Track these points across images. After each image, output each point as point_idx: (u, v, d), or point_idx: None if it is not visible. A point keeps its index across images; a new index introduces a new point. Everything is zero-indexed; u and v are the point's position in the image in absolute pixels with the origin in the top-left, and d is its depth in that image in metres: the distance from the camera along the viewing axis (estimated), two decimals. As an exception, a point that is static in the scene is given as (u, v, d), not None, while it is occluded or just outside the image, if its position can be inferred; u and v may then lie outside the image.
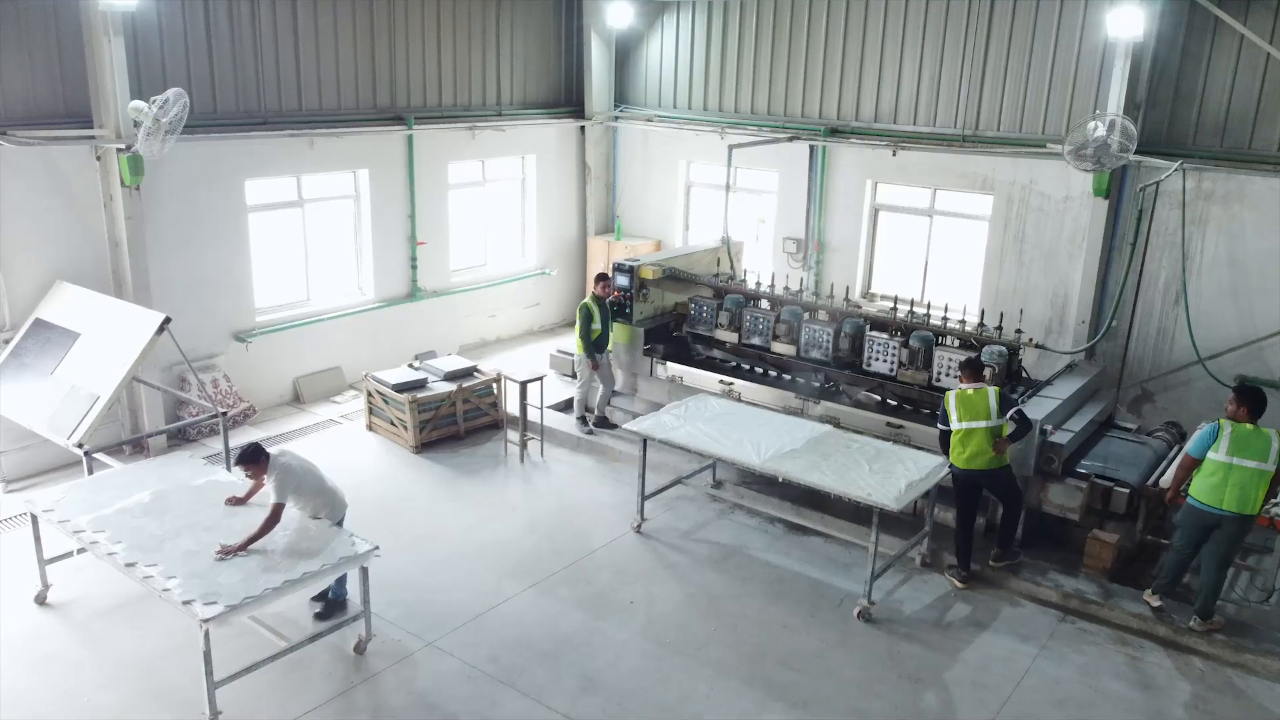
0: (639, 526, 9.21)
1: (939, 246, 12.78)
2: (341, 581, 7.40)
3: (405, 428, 10.82)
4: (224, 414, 9.12)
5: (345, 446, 10.98)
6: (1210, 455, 7.46)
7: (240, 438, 10.70)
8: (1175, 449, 9.31)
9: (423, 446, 10.83)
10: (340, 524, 7.37)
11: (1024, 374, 9.82)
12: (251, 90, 11.23)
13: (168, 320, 8.75)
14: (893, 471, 8.11)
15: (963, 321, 9.84)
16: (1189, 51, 10.58)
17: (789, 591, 8.24)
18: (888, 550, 8.20)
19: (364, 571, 6.98)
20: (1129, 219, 11.12)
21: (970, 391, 8.12)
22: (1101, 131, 9.96)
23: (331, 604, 7.55)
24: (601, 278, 11.18)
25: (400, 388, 10.81)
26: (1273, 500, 8.42)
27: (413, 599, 7.97)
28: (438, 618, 7.71)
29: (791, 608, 8.00)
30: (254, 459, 7.13)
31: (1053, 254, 11.70)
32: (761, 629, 7.70)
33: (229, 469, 8.59)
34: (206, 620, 6.01)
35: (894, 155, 12.58)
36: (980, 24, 11.77)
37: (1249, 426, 7.42)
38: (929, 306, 10.15)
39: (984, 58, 11.83)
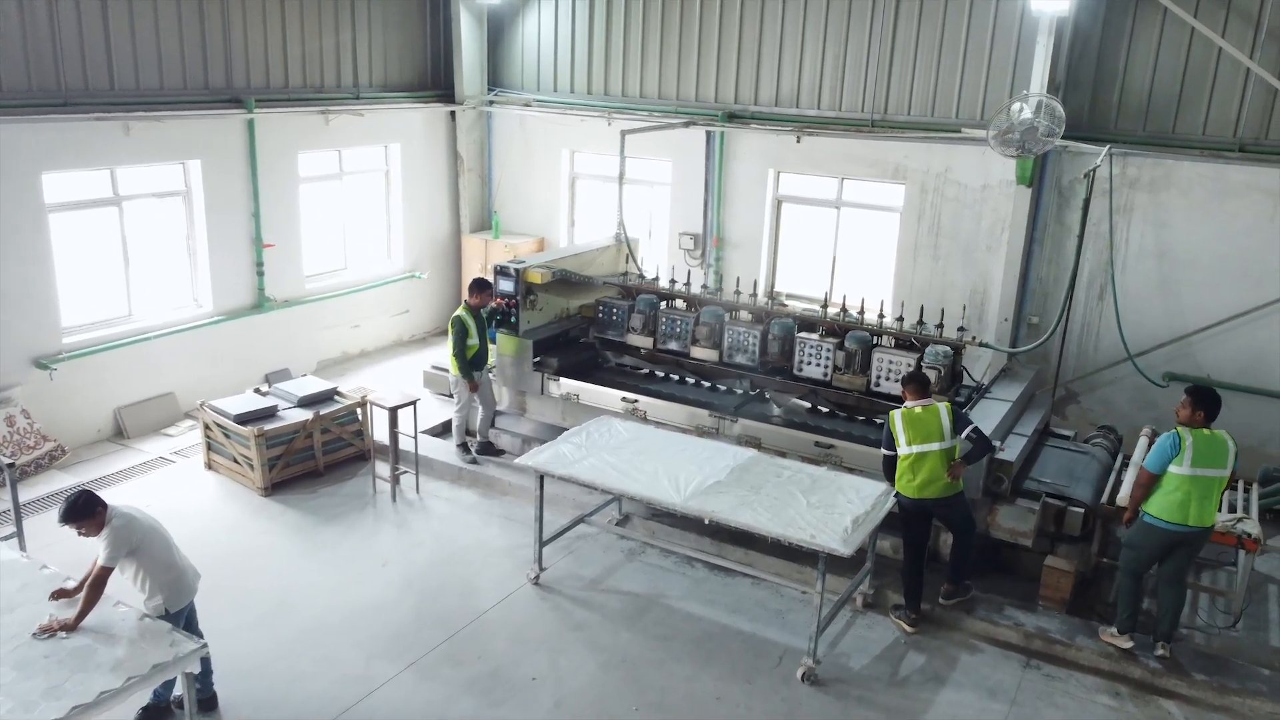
0: (537, 577, 7.84)
1: (847, 241, 11.83)
2: (168, 682, 5.79)
3: (251, 466, 9.11)
4: (11, 465, 7.28)
5: (179, 490, 9.18)
6: (1173, 469, 6.66)
7: (46, 487, 8.85)
8: (1120, 458, 8.57)
9: (273, 487, 9.14)
10: (178, 615, 5.73)
11: (965, 375, 8.90)
12: (48, 64, 9.28)
13: (-73, 352, 6.88)
14: (834, 504, 6.99)
15: (900, 319, 8.85)
16: (1110, 26, 9.87)
17: (719, 650, 7.02)
18: (831, 594, 7.08)
19: (189, 677, 5.38)
20: (1050, 208, 10.42)
21: (919, 410, 7.08)
22: (1027, 114, 9.18)
23: (152, 712, 5.94)
24: (480, 285, 9.66)
25: (243, 418, 9.09)
26: (1235, 516, 7.77)
27: (262, 692, 6.39)
28: (293, 717, 6.18)
29: (725, 672, 6.78)
30: (87, 512, 5.47)
31: (970, 247, 10.89)
32: (693, 704, 6.45)
33: (20, 543, 6.80)
34: (-46, 779, 4.37)
35: (798, 142, 11.53)
36: (889, -2, 10.85)
37: (1206, 432, 6.68)
38: (862, 306, 9.12)
39: (893, 35, 10.88)
